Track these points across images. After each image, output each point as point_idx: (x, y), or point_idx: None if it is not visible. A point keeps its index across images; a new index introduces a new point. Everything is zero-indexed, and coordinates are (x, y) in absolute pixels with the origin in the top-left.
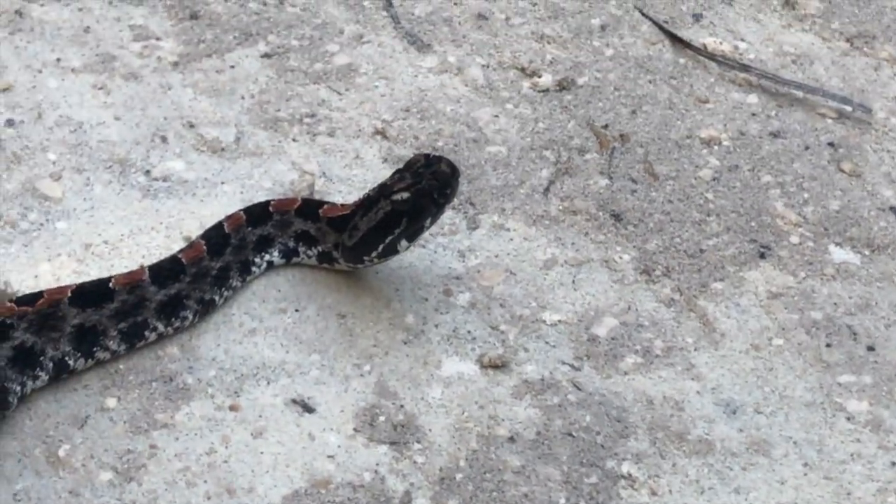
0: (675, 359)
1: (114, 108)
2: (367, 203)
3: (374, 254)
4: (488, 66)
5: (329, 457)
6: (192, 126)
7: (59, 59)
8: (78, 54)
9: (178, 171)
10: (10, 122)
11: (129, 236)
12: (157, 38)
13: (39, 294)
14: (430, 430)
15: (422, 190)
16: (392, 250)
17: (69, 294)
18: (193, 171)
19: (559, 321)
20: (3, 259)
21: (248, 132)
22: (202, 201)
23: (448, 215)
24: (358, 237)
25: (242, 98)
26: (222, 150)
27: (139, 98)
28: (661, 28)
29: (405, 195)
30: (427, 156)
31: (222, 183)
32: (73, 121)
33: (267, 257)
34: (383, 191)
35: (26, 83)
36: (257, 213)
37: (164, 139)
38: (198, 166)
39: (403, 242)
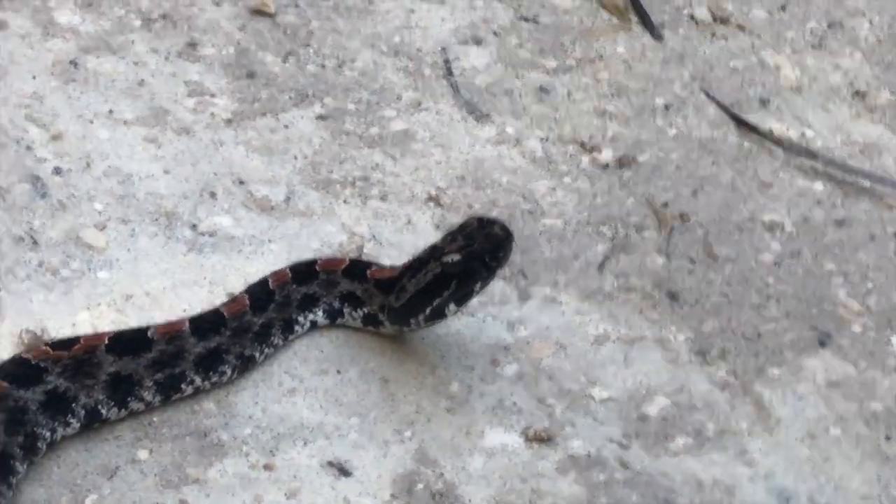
0: (727, 442)
1: (164, 162)
2: (417, 264)
3: (420, 316)
4: (547, 140)
5: None
6: (242, 183)
7: (111, 111)
8: (131, 107)
9: (225, 226)
10: (57, 170)
11: (171, 289)
12: (212, 95)
13: (76, 339)
14: (469, 500)
15: (473, 252)
16: (440, 314)
17: (106, 341)
18: (241, 227)
19: (609, 398)
20: (41, 305)
21: (298, 192)
22: (248, 258)
23: (499, 285)
24: (405, 299)
25: (295, 158)
26: (272, 208)
27: (190, 153)
28: (726, 111)
29: (456, 257)
30: (480, 219)
31: (270, 241)
32: (122, 172)
33: (311, 316)
34: (434, 252)
35: (77, 133)
36: (303, 271)
37: (212, 195)
38: (246, 223)
39: (452, 306)
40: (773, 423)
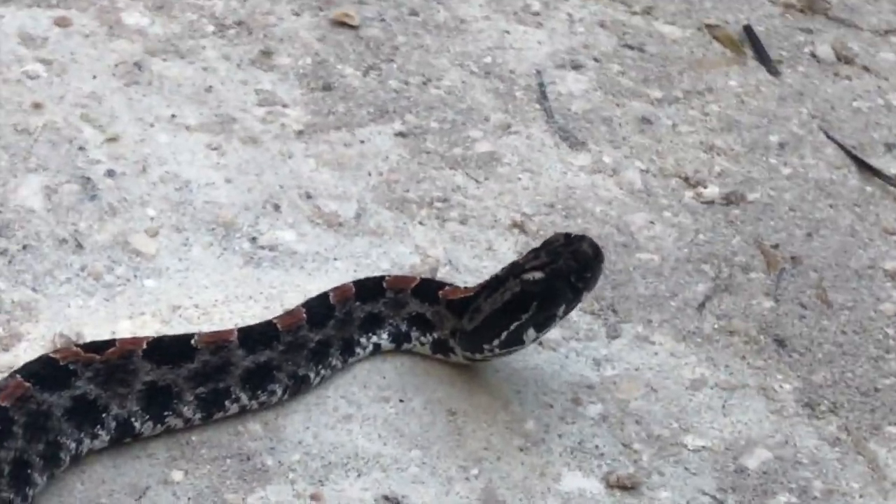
0: (836, 503)
1: (226, 171)
2: (494, 283)
3: (495, 342)
4: (648, 171)
5: None
6: (309, 197)
7: (173, 115)
8: (195, 112)
9: (287, 241)
10: (110, 173)
11: (223, 303)
12: (284, 105)
13: (111, 342)
14: None
15: (558, 271)
16: (517, 340)
17: (144, 346)
18: (305, 243)
19: (703, 447)
20: (79, 311)
21: (370, 210)
22: (310, 275)
23: (586, 320)
24: (479, 320)
25: (369, 175)
26: (340, 224)
27: (255, 163)
28: (847, 153)
29: (538, 275)
30: (568, 235)
31: (335, 259)
32: (180, 178)
33: (374, 339)
34: (513, 269)
35: (135, 135)
36: (369, 288)
37: (276, 207)
38: (310, 239)
39: (531, 332)
40: (889, 485)
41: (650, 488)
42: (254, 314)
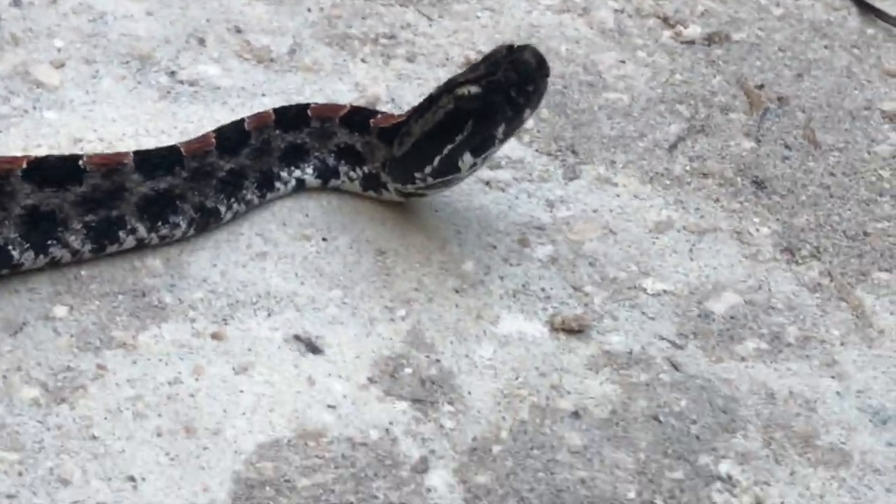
0: (812, 351)
1: (148, 3)
2: (427, 104)
3: (427, 169)
4: (622, 11)
5: (329, 406)
6: (239, 31)
7: None
8: None
9: (210, 76)
10: (16, 2)
11: (131, 136)
12: None
13: None
14: (469, 392)
15: (495, 84)
16: (452, 167)
17: (24, 165)
18: (230, 78)
19: (664, 291)
20: None
21: (306, 45)
22: (233, 111)
23: (541, 161)
24: (409, 145)
25: (309, 10)
26: (271, 60)
27: None
28: None
29: (473, 89)
30: (511, 46)
31: (263, 95)
32: (95, 10)
33: (297, 173)
34: (448, 86)
35: None
36: (292, 116)
37: (201, 41)
38: (236, 74)
39: (467, 156)
40: (875, 333)
41: (600, 332)
42: None
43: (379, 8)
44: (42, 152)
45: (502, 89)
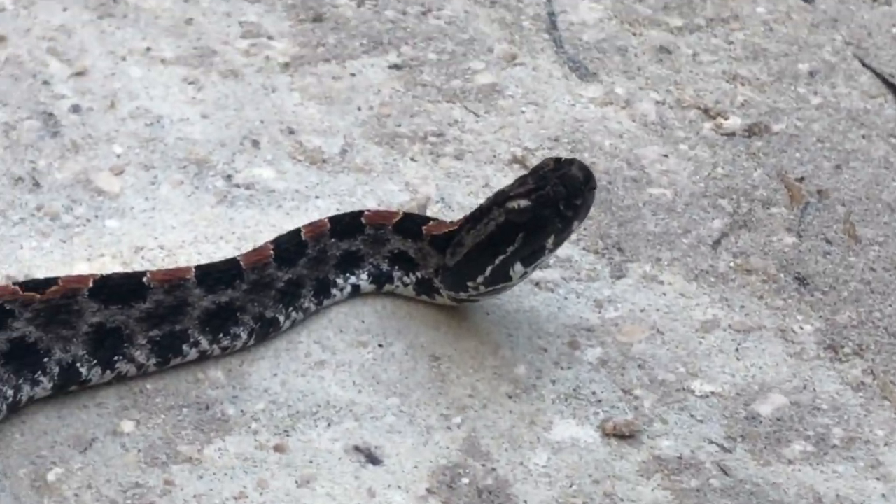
0: (857, 452)
1: (203, 106)
2: (478, 214)
3: (480, 279)
4: (663, 103)
5: None
6: (291, 133)
7: (148, 49)
8: (172, 45)
9: (265, 179)
10: (75, 108)
11: (191, 243)
12: (270, 37)
13: (54, 280)
14: (525, 501)
15: (545, 198)
16: (503, 276)
17: (90, 284)
18: (284, 180)
19: (711, 392)
20: (32, 253)
21: (357, 145)
22: (288, 214)
23: (588, 259)
24: (462, 255)
25: (358, 109)
26: (323, 161)
27: (235, 97)
28: (884, 81)
29: (523, 203)
30: (558, 159)
31: (316, 197)
32: (152, 114)
33: (352, 279)
34: (498, 198)
35: (105, 69)
36: (346, 224)
37: (255, 143)
38: (290, 176)
39: (518, 266)
40: None
41: (650, 437)
42: (224, 255)
43: (426, 105)
44: (105, 261)
45: (551, 203)
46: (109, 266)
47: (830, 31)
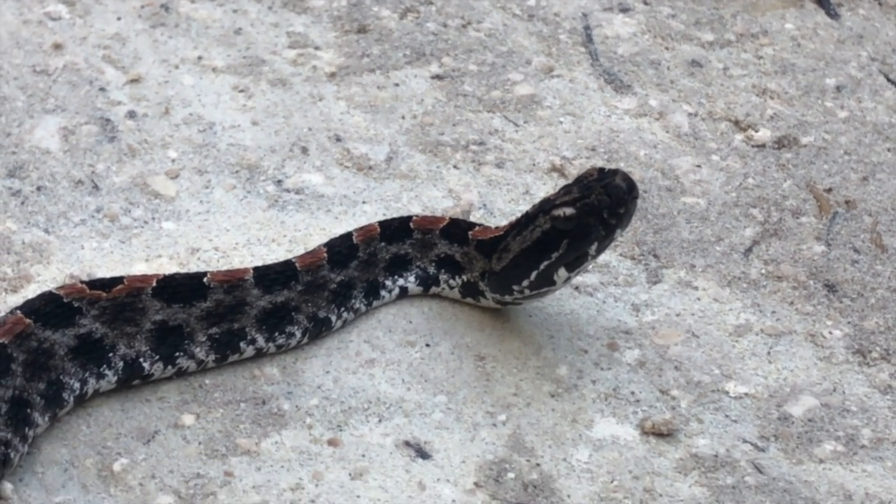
0: (885, 452)
1: (253, 113)
2: (524, 220)
3: (525, 283)
4: (696, 115)
5: None
6: (339, 140)
7: (200, 57)
8: (223, 54)
9: (314, 184)
10: (131, 114)
11: (244, 245)
12: (316, 48)
13: (119, 279)
14: (568, 495)
15: (589, 206)
16: (547, 280)
17: (154, 284)
18: (332, 186)
19: (745, 394)
20: (93, 253)
21: (402, 153)
22: (336, 218)
23: (626, 265)
24: (508, 260)
25: (402, 118)
26: (370, 168)
27: (284, 105)
28: None
29: (568, 211)
30: (601, 169)
31: (364, 202)
32: (204, 121)
33: (400, 282)
34: (544, 206)
35: (158, 77)
36: (395, 228)
37: (304, 150)
38: (338, 182)
39: (562, 272)
40: None
41: (687, 435)
42: (276, 257)
43: (468, 114)
44: (162, 262)
45: (596, 212)
46: (166, 266)
47: (856, 48)
